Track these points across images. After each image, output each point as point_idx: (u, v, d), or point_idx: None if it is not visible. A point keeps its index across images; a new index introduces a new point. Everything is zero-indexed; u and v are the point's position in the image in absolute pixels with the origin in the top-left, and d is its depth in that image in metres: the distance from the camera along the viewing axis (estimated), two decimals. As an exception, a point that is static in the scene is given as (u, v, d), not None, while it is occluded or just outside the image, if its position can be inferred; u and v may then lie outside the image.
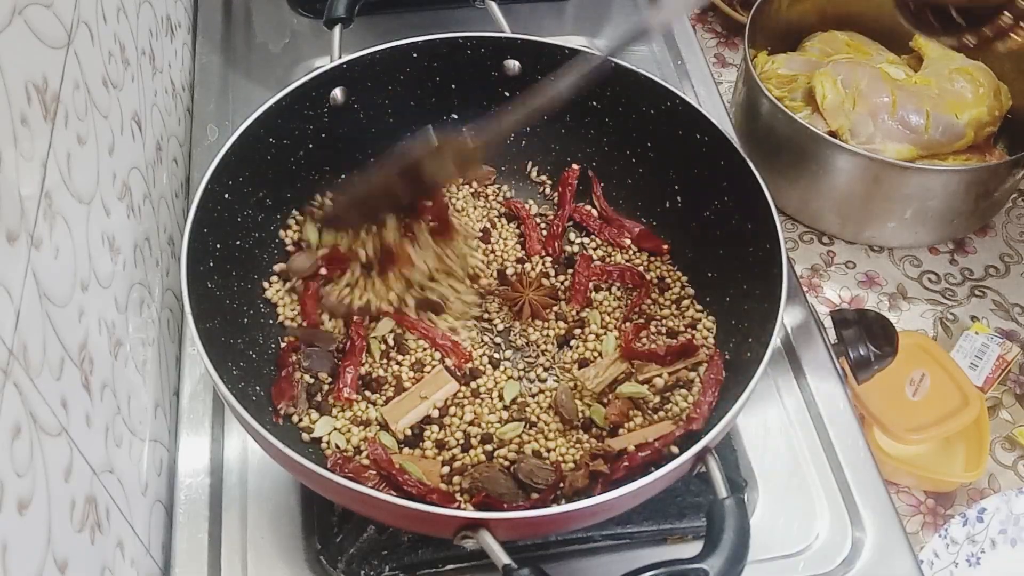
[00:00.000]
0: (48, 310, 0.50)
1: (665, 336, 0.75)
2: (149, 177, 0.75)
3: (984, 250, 1.41)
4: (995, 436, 1.22)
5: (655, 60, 1.01)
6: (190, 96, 0.95)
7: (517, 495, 0.64)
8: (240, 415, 0.57)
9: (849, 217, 1.37)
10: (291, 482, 0.69)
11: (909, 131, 1.31)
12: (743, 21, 1.49)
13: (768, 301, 0.65)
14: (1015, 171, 1.33)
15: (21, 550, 0.43)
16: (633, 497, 0.56)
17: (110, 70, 0.67)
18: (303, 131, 0.76)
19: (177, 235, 0.82)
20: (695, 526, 0.67)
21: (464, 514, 0.54)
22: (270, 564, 0.66)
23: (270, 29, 1.02)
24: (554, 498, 0.64)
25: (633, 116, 0.79)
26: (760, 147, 1.39)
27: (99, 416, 0.56)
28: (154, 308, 0.72)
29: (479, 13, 0.84)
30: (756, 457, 0.73)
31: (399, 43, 0.77)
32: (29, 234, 0.48)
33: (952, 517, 1.12)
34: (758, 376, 0.59)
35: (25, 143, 0.49)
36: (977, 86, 1.37)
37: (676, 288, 0.78)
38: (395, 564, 0.65)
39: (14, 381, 0.44)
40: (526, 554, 0.67)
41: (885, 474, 0.73)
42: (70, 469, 0.50)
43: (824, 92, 1.34)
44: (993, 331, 1.30)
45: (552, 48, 0.79)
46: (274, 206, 0.76)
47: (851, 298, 1.35)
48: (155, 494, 0.67)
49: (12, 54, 0.48)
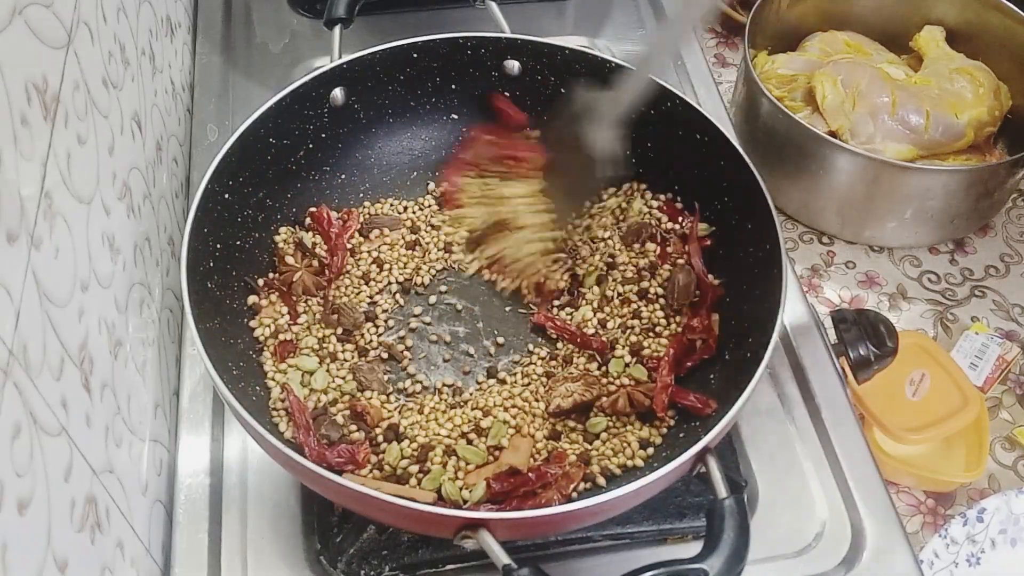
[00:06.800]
0: (48, 310, 0.50)
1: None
2: (149, 177, 0.75)
3: (984, 250, 1.41)
4: (995, 436, 1.22)
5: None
6: (190, 96, 0.95)
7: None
8: (240, 415, 0.57)
9: (849, 217, 1.37)
10: (291, 482, 0.69)
11: (909, 131, 1.31)
12: (743, 21, 1.49)
13: (768, 301, 0.65)
14: (1015, 171, 1.32)
15: (21, 550, 0.43)
16: (633, 497, 0.56)
17: (110, 70, 0.67)
18: (303, 131, 0.76)
19: (177, 235, 0.82)
20: (695, 526, 0.67)
21: (464, 514, 0.54)
22: (270, 564, 0.66)
23: (270, 29, 1.02)
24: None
25: (633, 116, 0.79)
26: (760, 147, 1.38)
27: (99, 416, 0.56)
28: (154, 308, 0.72)
29: (479, 13, 0.84)
30: (756, 457, 0.73)
31: (399, 43, 0.78)
32: (29, 234, 0.48)
33: (952, 517, 1.12)
34: (758, 376, 0.59)
35: (25, 143, 0.49)
36: (977, 86, 1.37)
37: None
38: (395, 564, 0.65)
39: (14, 381, 0.44)
40: (526, 554, 0.67)
41: (885, 474, 0.73)
42: (70, 469, 0.50)
43: (824, 92, 1.34)
44: (993, 331, 1.30)
45: (552, 48, 0.79)
46: (274, 206, 0.76)
47: (851, 298, 1.35)
48: (155, 494, 0.67)
49: (12, 54, 0.48)
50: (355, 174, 0.81)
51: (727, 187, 0.74)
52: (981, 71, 1.40)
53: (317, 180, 0.79)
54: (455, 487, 0.64)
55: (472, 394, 0.70)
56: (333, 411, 0.68)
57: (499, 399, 0.70)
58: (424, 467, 0.65)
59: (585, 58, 0.79)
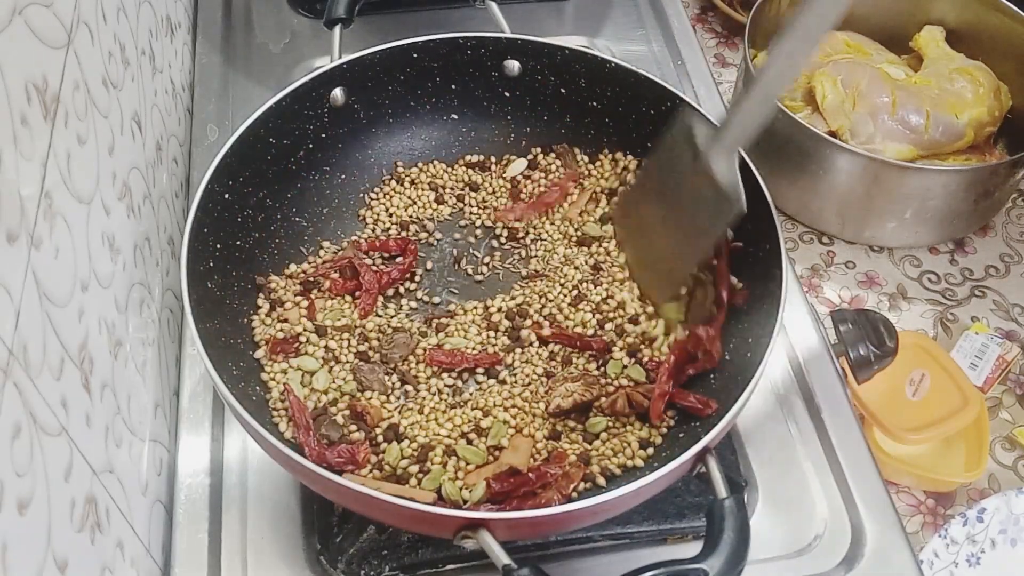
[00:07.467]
0: (48, 310, 0.50)
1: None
2: (149, 177, 0.75)
3: (984, 250, 1.41)
4: (995, 436, 1.21)
5: (655, 60, 1.01)
6: (190, 96, 0.95)
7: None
8: (240, 415, 0.57)
9: (849, 217, 1.37)
10: (291, 482, 0.69)
11: (909, 131, 1.31)
12: (743, 21, 1.48)
13: (768, 301, 0.65)
14: (1015, 171, 1.32)
15: (21, 550, 0.43)
16: (633, 497, 0.56)
17: (110, 70, 0.67)
18: (303, 131, 0.76)
19: (177, 235, 0.82)
20: (695, 526, 0.67)
21: (464, 514, 0.54)
22: (270, 564, 0.66)
23: (270, 29, 1.02)
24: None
25: (633, 116, 0.79)
26: (760, 147, 1.38)
27: (99, 416, 0.56)
28: (154, 308, 0.72)
29: (479, 13, 0.84)
30: (756, 457, 0.73)
31: (399, 43, 0.78)
32: (29, 234, 0.48)
33: (952, 517, 1.12)
34: (758, 376, 0.59)
35: (25, 143, 0.49)
36: (977, 86, 1.37)
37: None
38: (395, 564, 0.65)
39: (14, 381, 0.44)
40: (526, 554, 0.67)
41: (885, 474, 0.73)
42: (70, 469, 0.50)
43: (824, 92, 1.34)
44: (993, 331, 1.30)
45: (552, 48, 0.79)
46: (274, 206, 0.76)
47: (851, 298, 1.35)
48: (155, 494, 0.67)
49: (12, 54, 0.48)
50: (355, 174, 0.81)
51: (727, 187, 0.74)
52: (981, 71, 1.40)
53: (317, 180, 0.79)
54: (455, 487, 0.63)
55: (472, 394, 0.70)
56: (333, 411, 0.68)
57: (499, 399, 0.69)
58: (424, 467, 0.65)
59: (585, 58, 0.79)
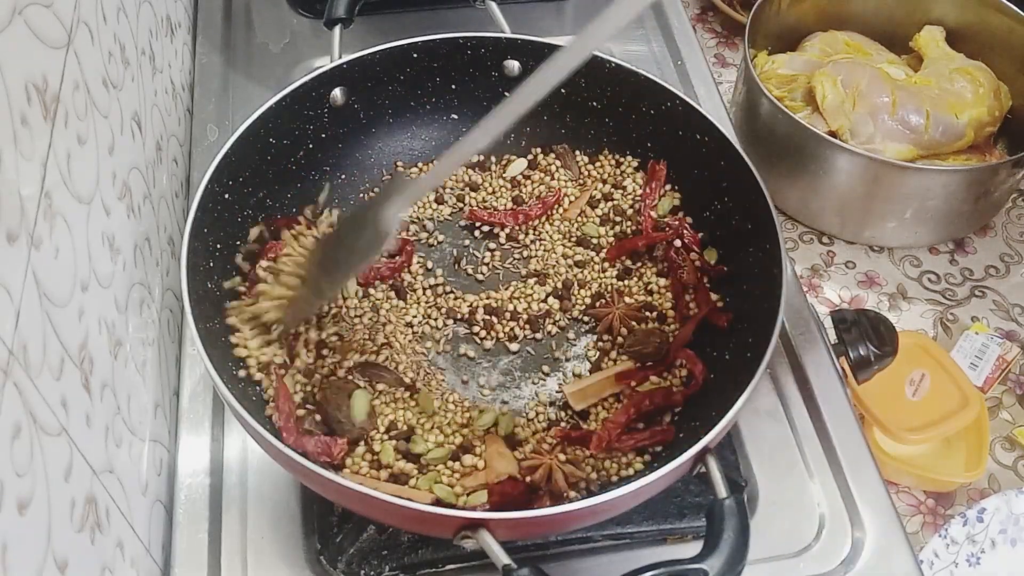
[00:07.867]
0: (48, 310, 0.50)
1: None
2: (149, 177, 0.75)
3: (984, 250, 1.41)
4: (995, 436, 1.22)
5: (655, 60, 1.01)
6: (190, 96, 0.95)
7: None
8: (240, 415, 0.57)
9: (849, 217, 1.37)
10: (291, 482, 0.69)
11: (909, 131, 1.31)
12: (743, 21, 1.49)
13: (768, 301, 0.65)
14: (1015, 171, 1.32)
15: (21, 550, 0.43)
16: (633, 497, 0.56)
17: (110, 70, 0.67)
18: (303, 131, 0.76)
19: (177, 235, 0.82)
20: (695, 526, 0.67)
21: (464, 514, 0.54)
22: (270, 564, 0.66)
23: (270, 29, 1.02)
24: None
25: (633, 116, 0.79)
26: (760, 147, 1.39)
27: (99, 416, 0.56)
28: (154, 308, 0.72)
29: (479, 13, 0.84)
30: (756, 457, 0.73)
31: (399, 43, 0.78)
32: (29, 234, 0.48)
33: (952, 517, 1.12)
34: (758, 376, 0.59)
35: (25, 143, 0.49)
36: (977, 86, 1.37)
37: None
38: (395, 564, 0.65)
39: (14, 381, 0.44)
40: (526, 554, 0.67)
41: (885, 474, 0.73)
42: (70, 469, 0.50)
43: (824, 92, 1.34)
44: (993, 331, 1.30)
45: (552, 48, 0.79)
46: (274, 206, 0.76)
47: (851, 298, 1.35)
48: (155, 494, 0.67)
49: (12, 54, 0.48)
50: (355, 174, 0.81)
51: (727, 187, 0.74)
52: (981, 71, 1.40)
53: (317, 180, 0.79)
54: (450, 492, 0.63)
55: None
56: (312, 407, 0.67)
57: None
58: (422, 467, 0.65)
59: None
